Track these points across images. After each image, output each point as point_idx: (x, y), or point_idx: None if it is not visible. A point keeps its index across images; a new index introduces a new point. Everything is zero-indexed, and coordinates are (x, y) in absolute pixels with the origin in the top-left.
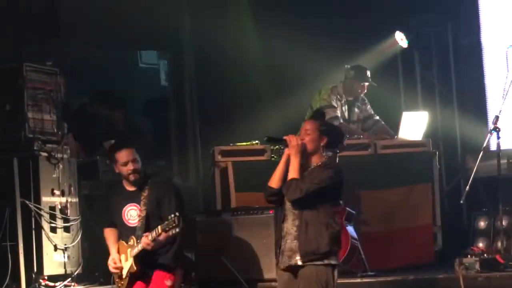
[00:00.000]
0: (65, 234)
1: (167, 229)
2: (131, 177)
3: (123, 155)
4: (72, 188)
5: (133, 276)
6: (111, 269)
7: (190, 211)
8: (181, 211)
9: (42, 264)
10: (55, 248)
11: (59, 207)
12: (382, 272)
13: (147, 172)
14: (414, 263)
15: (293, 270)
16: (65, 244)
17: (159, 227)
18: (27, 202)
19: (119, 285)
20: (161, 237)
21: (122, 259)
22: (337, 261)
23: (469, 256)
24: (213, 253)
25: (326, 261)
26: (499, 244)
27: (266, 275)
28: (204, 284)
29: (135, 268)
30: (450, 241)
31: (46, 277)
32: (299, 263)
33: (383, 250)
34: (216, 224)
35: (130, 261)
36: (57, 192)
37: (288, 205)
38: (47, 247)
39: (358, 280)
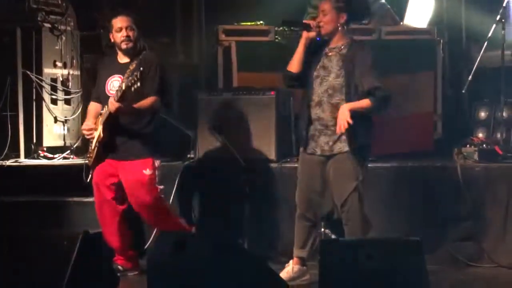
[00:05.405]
0: (66, 106)
1: (129, 84)
2: (124, 45)
3: (118, 21)
4: (74, 61)
5: (102, 148)
6: (85, 134)
7: (192, 89)
8: (162, 94)
9: (42, 135)
10: (55, 120)
11: (61, 79)
12: (379, 158)
13: (143, 47)
14: (413, 150)
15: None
16: (65, 117)
17: (122, 83)
18: (28, 72)
19: (89, 158)
20: (132, 106)
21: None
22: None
23: (468, 145)
24: (213, 131)
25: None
26: (498, 135)
27: (264, 156)
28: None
29: (102, 135)
30: (450, 130)
31: (45, 149)
32: (345, 150)
33: (382, 136)
34: (217, 102)
35: (100, 129)
36: (59, 64)
37: (320, 92)
38: (47, 118)
39: None
